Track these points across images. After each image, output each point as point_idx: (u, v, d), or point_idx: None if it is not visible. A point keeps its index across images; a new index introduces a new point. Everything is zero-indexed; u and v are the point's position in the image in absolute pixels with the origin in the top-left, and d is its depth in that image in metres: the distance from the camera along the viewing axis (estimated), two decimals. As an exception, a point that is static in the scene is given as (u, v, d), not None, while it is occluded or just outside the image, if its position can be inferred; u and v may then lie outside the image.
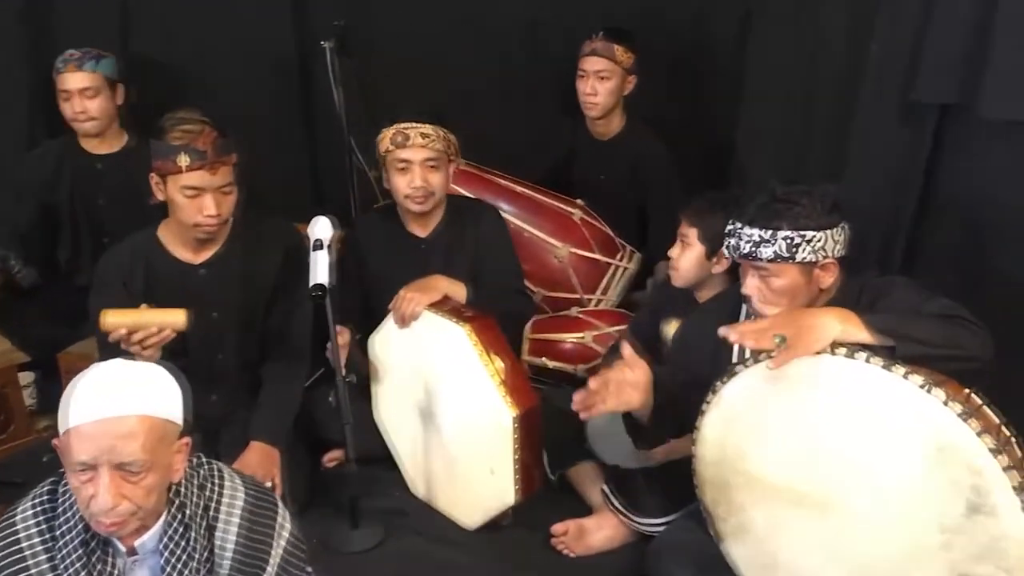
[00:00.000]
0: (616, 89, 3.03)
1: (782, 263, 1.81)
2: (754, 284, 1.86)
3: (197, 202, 2.20)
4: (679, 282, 2.35)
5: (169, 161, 2.15)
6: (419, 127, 2.40)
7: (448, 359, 2.25)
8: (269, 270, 2.40)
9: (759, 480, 1.83)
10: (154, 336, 2.08)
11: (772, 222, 1.80)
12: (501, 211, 2.97)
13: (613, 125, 3.14)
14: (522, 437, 2.16)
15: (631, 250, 3.08)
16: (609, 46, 2.99)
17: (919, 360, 1.60)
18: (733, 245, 1.87)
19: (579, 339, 2.84)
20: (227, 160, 2.20)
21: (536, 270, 2.98)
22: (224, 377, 2.45)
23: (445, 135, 2.42)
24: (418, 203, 2.45)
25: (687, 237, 2.30)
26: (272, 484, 2.28)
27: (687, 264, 2.32)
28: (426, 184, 2.42)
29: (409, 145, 2.40)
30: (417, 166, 2.41)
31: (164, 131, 2.17)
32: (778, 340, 1.67)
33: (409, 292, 2.32)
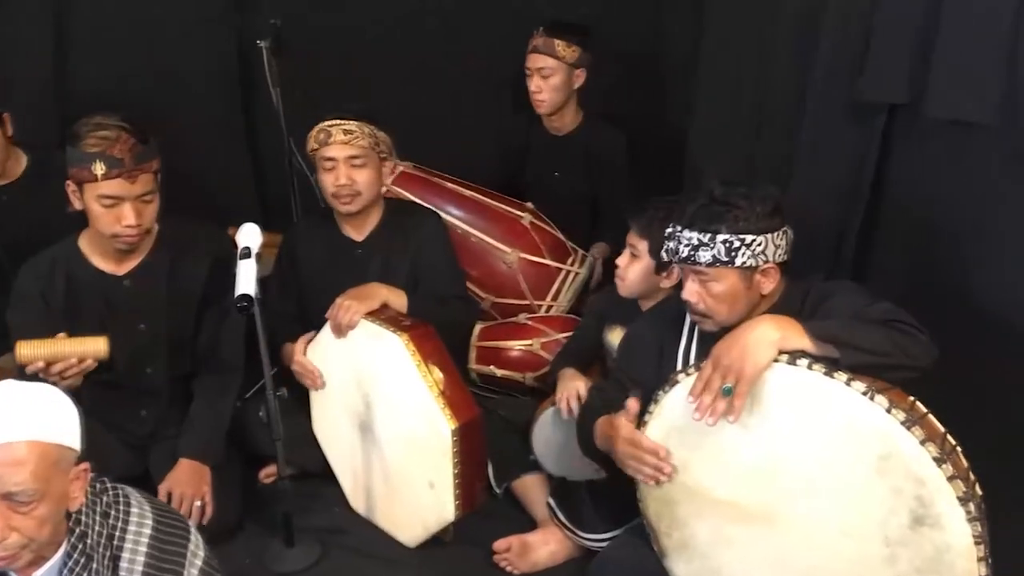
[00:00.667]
0: (562, 85, 2.96)
1: (721, 267, 1.75)
2: (694, 289, 1.79)
3: (115, 212, 2.10)
4: (625, 292, 2.28)
5: (84, 169, 2.05)
6: (342, 124, 2.32)
7: (385, 369, 2.16)
8: (198, 279, 2.31)
9: (702, 493, 1.76)
10: (74, 367, 1.99)
11: (711, 225, 1.74)
12: (448, 215, 2.91)
13: (567, 120, 3.07)
14: (462, 450, 2.08)
15: (583, 254, 3.01)
16: (550, 42, 2.92)
17: (863, 369, 1.54)
18: (672, 248, 1.81)
19: (527, 346, 2.76)
20: (146, 168, 2.10)
21: (484, 276, 2.90)
22: (153, 392, 2.36)
23: (372, 132, 2.34)
24: (344, 202, 2.37)
25: (636, 248, 2.22)
26: (202, 503, 2.19)
27: (635, 276, 2.24)
28: (350, 182, 2.34)
29: (332, 143, 2.32)
30: (341, 164, 2.33)
31: (79, 137, 2.06)
32: (725, 391, 1.61)
33: (346, 300, 2.23)
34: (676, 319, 1.98)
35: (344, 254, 2.47)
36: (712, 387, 1.64)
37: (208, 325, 2.34)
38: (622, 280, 2.26)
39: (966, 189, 2.12)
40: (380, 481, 2.28)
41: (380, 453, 2.25)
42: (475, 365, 2.81)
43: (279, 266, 2.57)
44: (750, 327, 1.64)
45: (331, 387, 2.35)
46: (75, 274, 2.23)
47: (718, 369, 1.64)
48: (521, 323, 2.82)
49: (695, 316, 1.84)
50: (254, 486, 2.47)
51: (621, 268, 2.26)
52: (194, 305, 2.33)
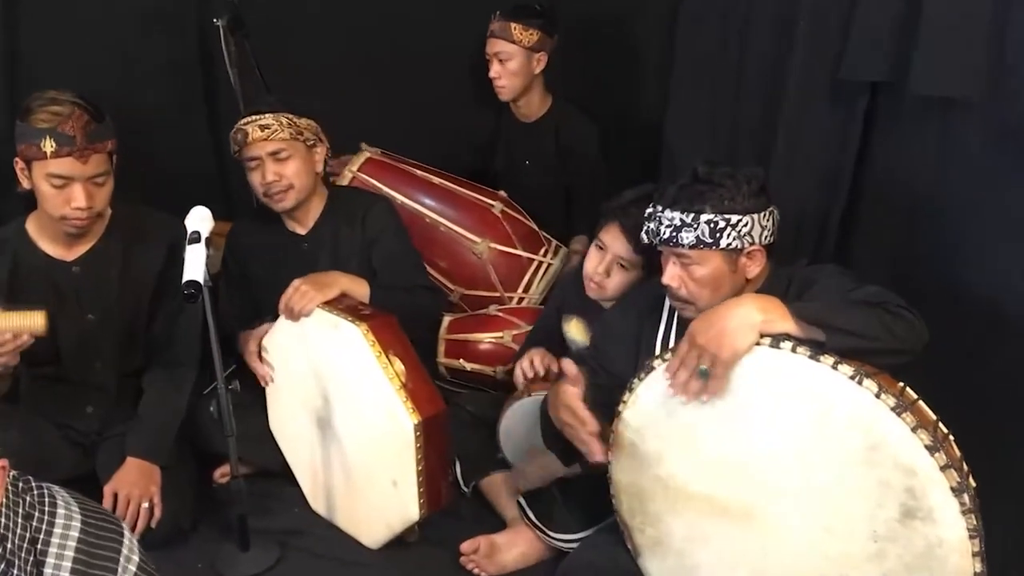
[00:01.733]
0: (521, 70, 2.85)
1: (704, 249, 1.65)
2: (675, 273, 1.69)
3: (64, 193, 1.98)
4: (598, 296, 2.14)
5: (33, 146, 1.94)
6: (257, 120, 2.21)
7: (344, 362, 2.05)
8: (151, 268, 2.19)
9: (677, 487, 1.66)
10: (9, 342, 1.85)
11: (694, 205, 1.64)
12: (417, 204, 2.81)
13: (535, 106, 2.97)
14: (426, 446, 1.96)
15: (556, 245, 2.91)
16: (506, 26, 2.81)
17: (851, 353, 1.44)
18: (652, 230, 1.70)
19: (498, 339, 2.65)
20: (99, 147, 1.98)
21: (454, 267, 2.79)
22: (101, 387, 2.23)
23: (291, 121, 2.22)
24: (278, 200, 2.26)
25: (630, 263, 2.05)
26: (151, 504, 2.07)
27: (621, 287, 2.09)
28: (278, 177, 2.23)
29: (251, 141, 2.21)
30: (266, 161, 2.22)
31: (29, 111, 1.95)
32: (700, 373, 1.52)
33: (303, 285, 2.11)
34: (654, 305, 1.89)
35: (289, 251, 2.35)
36: (688, 364, 1.54)
37: (162, 317, 2.22)
38: (602, 288, 2.11)
39: (951, 170, 2.03)
40: (341, 480, 2.16)
41: (340, 450, 2.13)
42: (444, 359, 2.70)
43: (225, 267, 2.45)
44: (731, 307, 1.54)
45: (287, 381, 2.23)
46: (21, 258, 2.11)
47: (694, 348, 1.54)
48: (491, 315, 2.72)
49: (676, 302, 1.75)
50: (208, 487, 2.34)
51: (600, 276, 2.09)
52: (147, 295, 2.20)
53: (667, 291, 1.76)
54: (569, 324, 2.27)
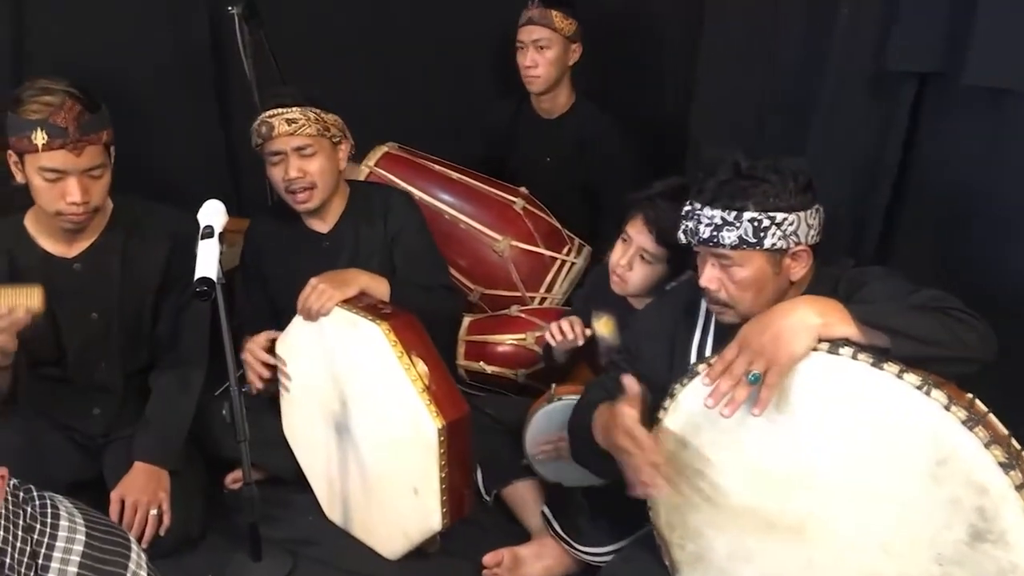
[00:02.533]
0: (558, 59, 2.76)
1: (747, 250, 1.54)
2: (714, 275, 1.58)
3: (59, 187, 1.89)
4: (623, 292, 2.05)
5: (24, 138, 1.84)
6: (283, 113, 2.10)
7: (363, 363, 1.94)
8: (156, 263, 2.10)
9: (721, 500, 1.56)
10: (4, 317, 1.75)
11: (736, 202, 1.52)
12: (436, 200, 2.71)
13: (560, 101, 2.87)
14: (449, 452, 1.86)
15: (579, 243, 2.81)
16: (546, 12, 2.72)
17: (916, 361, 1.33)
18: (691, 229, 1.58)
19: (520, 341, 2.55)
20: (94, 139, 1.88)
21: (473, 265, 2.69)
22: (107, 388, 2.14)
23: (318, 116, 2.12)
24: (302, 200, 2.16)
25: (653, 255, 1.96)
26: (159, 511, 1.97)
27: (644, 281, 2.00)
28: (301, 174, 2.13)
29: (276, 135, 2.10)
30: (290, 156, 2.12)
31: (20, 102, 1.85)
32: (751, 379, 1.40)
33: (321, 283, 2.01)
34: (689, 307, 1.78)
35: (310, 249, 2.25)
36: (734, 372, 1.43)
37: (167, 314, 2.13)
38: (624, 282, 2.02)
39: (1006, 166, 1.92)
40: (358, 487, 2.06)
41: (358, 456, 2.03)
42: (463, 361, 2.60)
43: (243, 265, 2.35)
44: (787, 309, 1.43)
45: (304, 384, 2.12)
46: (19, 256, 2.01)
47: (745, 353, 1.43)
48: (513, 316, 2.61)
49: (713, 306, 1.63)
50: (219, 493, 2.24)
51: (621, 265, 2.01)
52: (152, 292, 2.11)
53: (704, 294, 1.65)
54: (599, 321, 2.17)
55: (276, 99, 2.13)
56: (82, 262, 2.03)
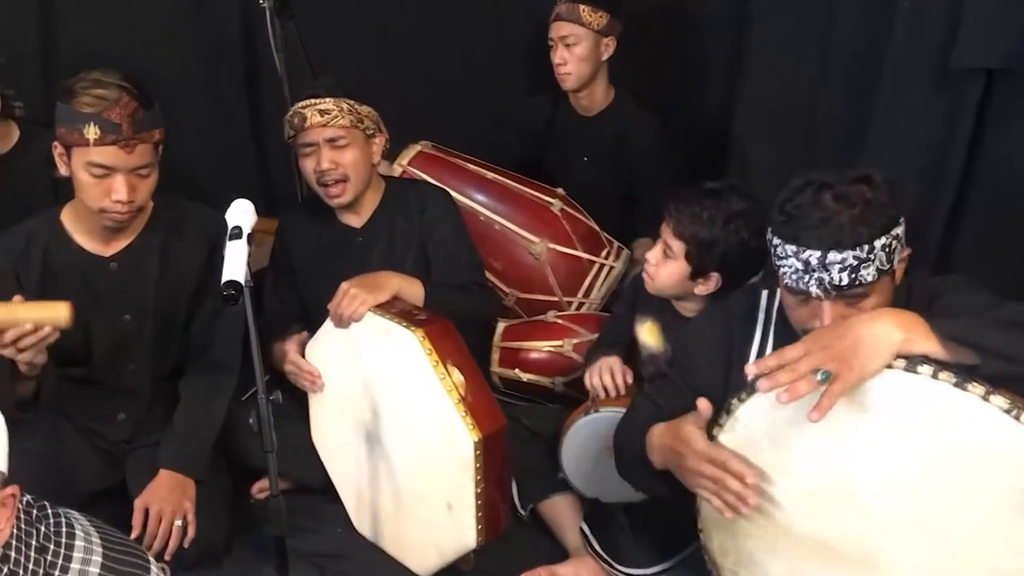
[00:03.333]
0: (589, 55, 2.65)
1: (883, 278, 1.41)
2: (836, 315, 1.41)
3: (105, 184, 1.82)
4: (652, 290, 1.98)
5: (75, 131, 1.77)
6: (316, 103, 2.04)
7: (396, 371, 1.86)
8: (193, 265, 2.03)
9: (780, 526, 1.45)
10: (29, 335, 1.68)
11: (861, 235, 1.37)
12: (470, 200, 2.62)
13: (597, 98, 2.77)
14: (486, 466, 1.77)
15: (618, 246, 2.71)
16: (574, 8, 2.61)
17: (1004, 382, 1.22)
18: (824, 281, 1.39)
19: (557, 347, 2.45)
20: (146, 137, 1.82)
21: (509, 268, 2.59)
22: (134, 392, 2.07)
23: (352, 108, 2.06)
24: (334, 193, 2.09)
25: (671, 249, 1.90)
26: (184, 521, 1.90)
27: (667, 279, 1.94)
28: (334, 165, 2.06)
29: (308, 126, 2.04)
30: (322, 147, 2.06)
31: (72, 93, 1.78)
32: (820, 377, 1.28)
33: (353, 287, 1.93)
34: (747, 316, 1.67)
35: (343, 244, 2.18)
36: (798, 369, 1.30)
37: (200, 318, 2.06)
38: (651, 278, 1.96)
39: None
40: (389, 500, 1.97)
41: (390, 468, 1.94)
42: (498, 368, 2.51)
43: (273, 260, 2.29)
44: (868, 321, 1.31)
45: (333, 391, 2.04)
46: (54, 253, 1.95)
47: (813, 354, 1.30)
48: (550, 322, 2.52)
49: None
50: (244, 503, 2.16)
51: (651, 264, 1.95)
52: (186, 294, 2.04)
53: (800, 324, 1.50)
54: (643, 326, 2.07)
55: (309, 90, 2.08)
56: (119, 262, 1.97)
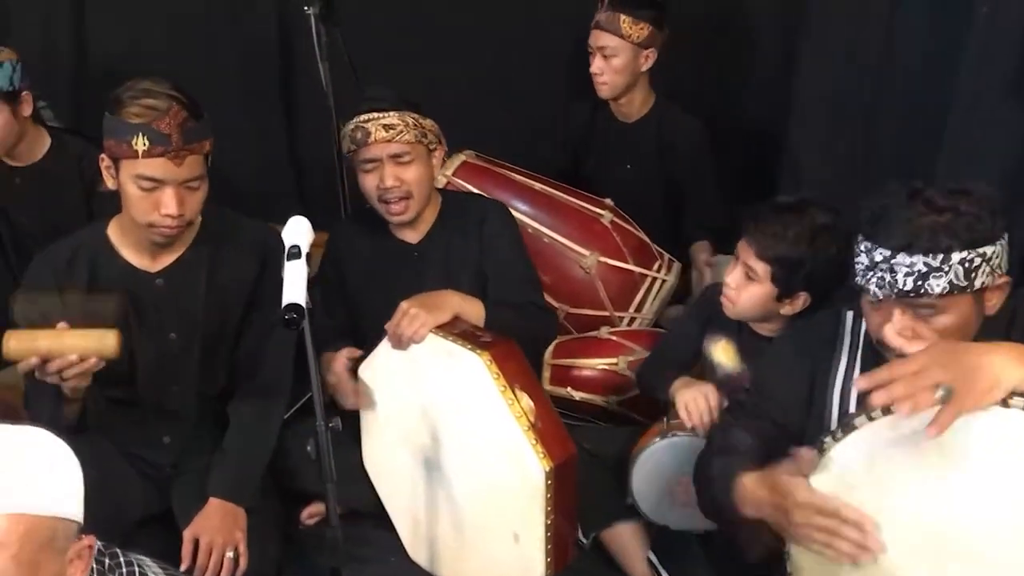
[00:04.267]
0: (626, 68, 2.58)
1: (957, 295, 1.33)
2: (906, 326, 1.37)
3: (154, 197, 1.74)
4: (732, 314, 1.89)
5: (123, 142, 1.70)
6: (380, 118, 1.97)
7: (461, 396, 1.78)
8: (243, 283, 1.94)
9: (883, 571, 1.35)
10: (75, 366, 1.61)
11: (941, 243, 1.31)
12: (516, 212, 2.50)
13: (636, 105, 2.70)
14: (556, 496, 1.69)
15: (669, 259, 2.62)
16: (614, 17, 2.53)
17: None
18: (886, 281, 1.35)
19: (611, 365, 2.36)
20: (197, 148, 1.74)
21: (558, 283, 2.50)
22: (180, 414, 1.98)
23: (416, 121, 1.99)
24: (397, 211, 2.02)
25: (755, 272, 1.81)
26: (235, 553, 1.81)
27: (751, 302, 1.85)
28: (398, 183, 1.99)
29: (372, 142, 1.97)
30: (385, 163, 1.98)
31: (121, 103, 1.71)
32: (942, 393, 1.19)
33: (412, 307, 1.85)
34: (831, 340, 1.59)
35: (398, 260, 2.11)
36: (918, 382, 1.21)
37: (250, 337, 1.96)
38: (731, 303, 1.86)
39: None
40: (449, 530, 1.89)
41: (450, 496, 1.86)
42: (549, 386, 2.41)
43: (323, 274, 2.20)
44: (987, 350, 1.23)
45: (388, 413, 1.96)
46: (100, 267, 1.87)
47: (930, 369, 1.21)
48: (603, 338, 2.43)
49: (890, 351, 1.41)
50: (293, 529, 2.08)
51: (731, 287, 1.85)
52: (237, 313, 1.95)
53: (882, 345, 1.42)
54: (716, 345, 1.99)
55: (371, 103, 1.99)
56: (166, 278, 1.88)
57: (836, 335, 1.58)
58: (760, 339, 1.89)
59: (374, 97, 2.03)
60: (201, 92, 2.76)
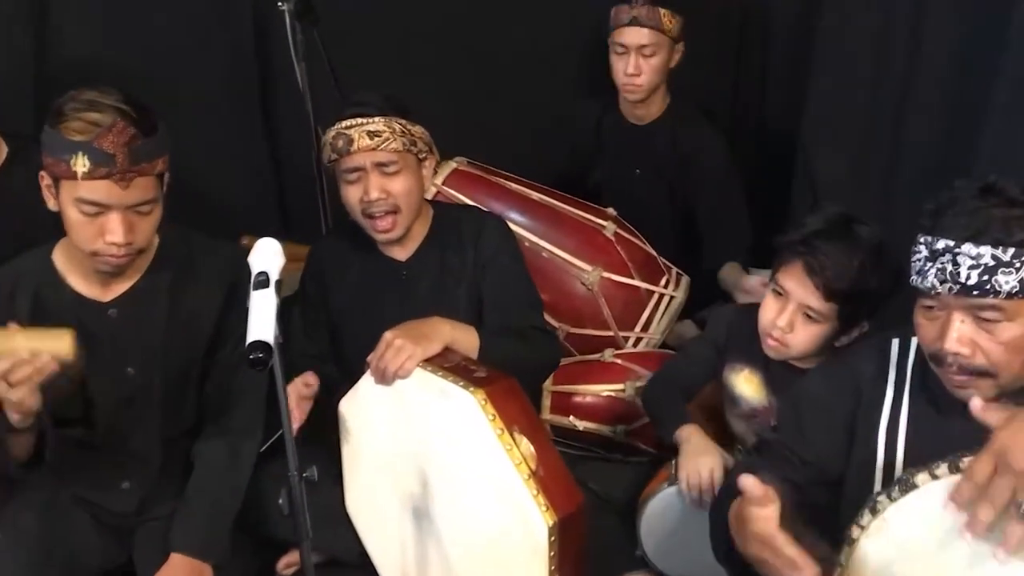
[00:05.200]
0: (663, 65, 2.45)
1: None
2: (966, 334, 1.20)
3: (98, 222, 1.55)
4: (779, 355, 1.70)
5: (62, 162, 1.50)
6: (365, 124, 1.77)
7: (453, 440, 1.59)
8: (207, 311, 1.75)
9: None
10: (25, 366, 1.42)
11: (1012, 235, 1.16)
12: (513, 224, 2.31)
13: (654, 107, 2.55)
14: (561, 552, 1.50)
15: (677, 273, 2.44)
16: (654, 12, 2.38)
17: None
18: (947, 273, 1.18)
19: (617, 392, 2.19)
20: (146, 168, 1.54)
21: (558, 300, 2.32)
22: (140, 458, 1.79)
23: (404, 128, 1.80)
24: (383, 228, 1.84)
25: (817, 312, 1.61)
26: (201, 613, 1.62)
27: (809, 343, 1.66)
28: (384, 195, 1.81)
29: (355, 150, 1.78)
30: (370, 173, 1.80)
31: (61, 116, 1.51)
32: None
33: (398, 338, 1.65)
34: (876, 374, 1.40)
35: (385, 280, 1.93)
36: (994, 500, 1.04)
37: (217, 372, 1.77)
38: (784, 346, 1.67)
39: None
40: (441, 585, 1.70)
41: (441, 549, 1.66)
42: (549, 415, 2.25)
43: (304, 294, 2.02)
44: None
45: (374, 456, 1.77)
46: (45, 297, 1.68)
47: (1006, 473, 1.04)
48: (607, 362, 2.25)
49: (957, 376, 1.24)
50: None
51: (782, 331, 1.65)
52: (201, 345, 1.76)
53: (937, 358, 1.25)
54: (738, 376, 1.80)
55: (355, 107, 1.80)
56: (119, 307, 1.69)
57: (881, 368, 1.40)
58: (791, 371, 1.71)
59: (358, 101, 1.83)
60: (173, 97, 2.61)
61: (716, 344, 1.87)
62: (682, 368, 1.95)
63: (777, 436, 1.52)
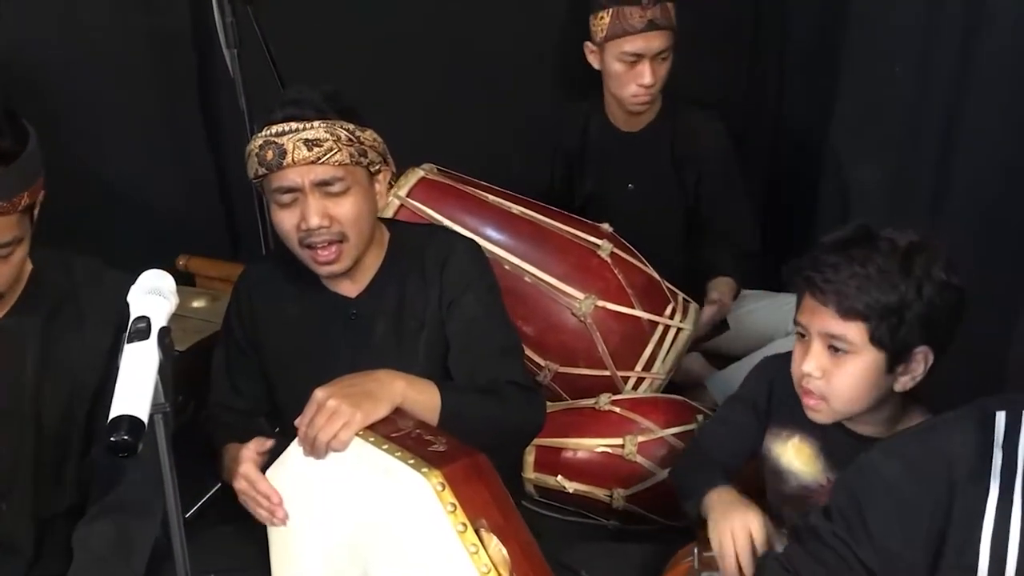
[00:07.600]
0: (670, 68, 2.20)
1: None
2: None
3: None
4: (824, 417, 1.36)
5: None
6: (300, 129, 1.41)
7: (401, 532, 1.22)
8: (91, 360, 1.42)
9: None
10: None
11: None
12: (490, 243, 1.99)
13: (651, 111, 2.28)
14: None
15: (683, 300, 2.10)
16: (666, 8, 2.12)
17: None
18: None
19: (615, 447, 1.83)
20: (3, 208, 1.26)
21: (544, 334, 1.98)
22: (9, 543, 1.47)
23: (351, 135, 1.44)
24: (325, 259, 1.48)
25: (844, 339, 1.29)
26: None
27: (853, 387, 1.32)
28: (327, 222, 1.45)
29: (288, 164, 1.41)
30: (308, 195, 1.44)
31: None
32: None
33: (332, 398, 1.29)
34: (976, 460, 1.05)
35: (331, 319, 1.57)
36: None
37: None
38: (825, 400, 1.33)
39: None
40: None
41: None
42: (532, 474, 1.90)
43: (228, 331, 1.65)
44: None
45: (305, 545, 1.39)
46: None
47: None
48: (603, 410, 1.90)
49: None
50: None
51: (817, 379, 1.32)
52: (84, 400, 1.43)
53: None
54: (785, 445, 1.45)
55: (288, 107, 1.43)
56: None
57: (982, 452, 1.05)
58: (855, 439, 1.37)
59: (292, 99, 1.46)
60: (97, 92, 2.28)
61: (756, 406, 1.50)
62: (716, 441, 1.58)
63: (830, 525, 1.16)
